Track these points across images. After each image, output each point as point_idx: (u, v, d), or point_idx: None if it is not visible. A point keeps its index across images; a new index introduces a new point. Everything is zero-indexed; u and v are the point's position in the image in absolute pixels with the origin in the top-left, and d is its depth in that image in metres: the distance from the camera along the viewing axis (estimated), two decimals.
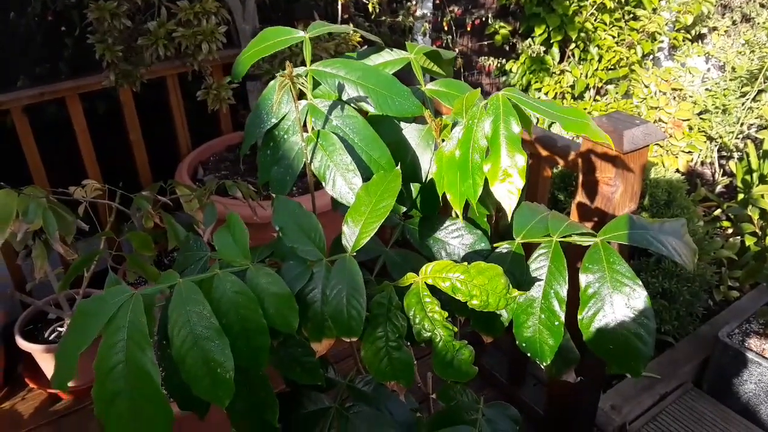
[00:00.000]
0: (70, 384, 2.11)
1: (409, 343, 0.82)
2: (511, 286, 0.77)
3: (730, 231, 2.78)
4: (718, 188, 3.24)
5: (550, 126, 3.15)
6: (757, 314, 2.29)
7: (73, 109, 2.36)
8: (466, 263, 0.77)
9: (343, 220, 0.78)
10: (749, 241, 2.61)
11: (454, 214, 0.99)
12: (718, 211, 2.93)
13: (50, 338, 2.08)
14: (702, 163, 3.48)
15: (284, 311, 0.71)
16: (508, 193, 0.73)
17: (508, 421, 0.93)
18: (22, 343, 2.06)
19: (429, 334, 0.76)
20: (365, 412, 0.87)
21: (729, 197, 3.13)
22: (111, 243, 1.93)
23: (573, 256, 0.89)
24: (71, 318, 0.59)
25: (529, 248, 0.89)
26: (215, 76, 2.19)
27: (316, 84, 0.92)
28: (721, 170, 3.42)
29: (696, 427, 2.08)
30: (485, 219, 0.99)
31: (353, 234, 0.76)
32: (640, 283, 0.78)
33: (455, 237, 0.95)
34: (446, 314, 0.76)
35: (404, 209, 0.99)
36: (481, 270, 0.76)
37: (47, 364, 2.10)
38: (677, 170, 3.04)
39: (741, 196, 2.90)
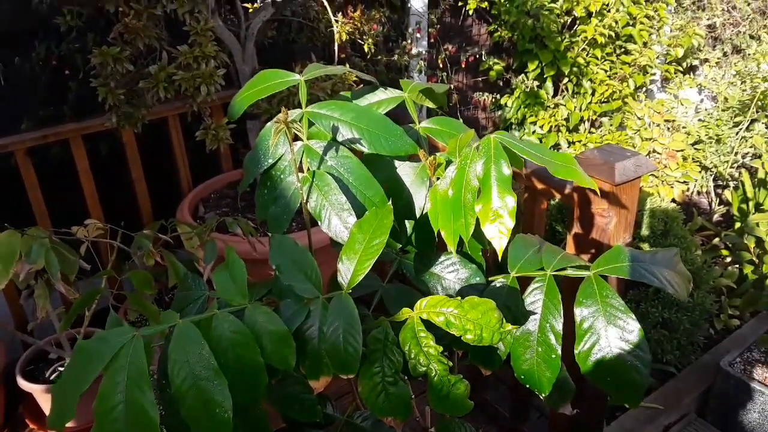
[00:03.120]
0: (69, 425, 2.11)
1: (406, 378, 0.83)
2: (504, 320, 0.78)
3: (728, 260, 2.79)
4: (715, 217, 3.26)
5: None
6: (758, 342, 2.29)
7: (77, 150, 2.40)
8: (459, 298, 0.79)
9: (338, 258, 0.79)
10: (747, 270, 2.62)
11: (449, 249, 1.02)
12: (716, 240, 2.94)
13: (51, 378, 2.08)
14: (698, 193, 3.50)
15: (282, 349, 0.72)
16: (498, 233, 0.75)
17: None
18: (23, 384, 2.05)
19: (424, 368, 0.77)
20: None
21: (726, 226, 3.15)
22: (112, 282, 1.94)
23: (567, 288, 0.90)
24: (71, 357, 0.60)
25: (524, 281, 0.91)
26: (214, 116, 2.24)
27: (311, 124, 0.95)
28: (718, 199, 3.44)
29: None
30: (480, 253, 1.01)
31: (348, 271, 0.78)
32: (633, 316, 0.80)
33: (451, 272, 0.97)
34: (441, 349, 0.77)
35: (400, 246, 1.01)
36: (474, 305, 0.78)
37: (48, 405, 2.09)
38: (673, 200, 3.07)
39: (738, 224, 2.92)
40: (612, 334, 0.78)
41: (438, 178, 0.90)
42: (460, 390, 0.77)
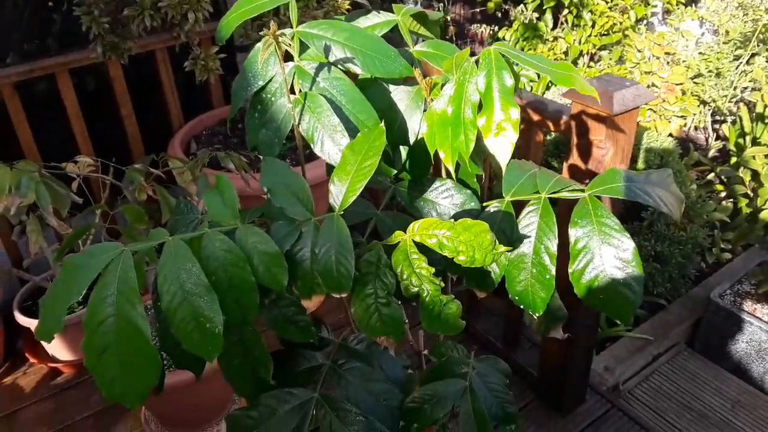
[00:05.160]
0: (70, 358, 2.14)
1: (400, 302, 0.84)
2: (497, 242, 0.78)
3: (723, 194, 2.80)
4: (711, 152, 3.24)
5: (543, 93, 3.14)
6: (748, 275, 2.32)
7: (63, 85, 2.34)
8: (452, 220, 0.78)
9: (330, 180, 0.78)
10: (742, 203, 2.62)
11: (444, 175, 1.00)
12: (711, 175, 2.93)
13: None
14: (695, 128, 3.47)
15: (273, 269, 0.72)
16: (502, 146, 0.73)
17: (498, 374, 0.95)
18: (21, 319, 2.07)
19: (416, 289, 0.77)
20: (358, 368, 0.89)
21: (722, 161, 3.14)
22: (105, 217, 1.93)
23: (562, 214, 0.90)
24: (59, 272, 0.60)
25: (519, 207, 0.90)
26: (203, 46, 2.17)
27: (303, 47, 0.92)
28: (715, 134, 3.42)
29: (688, 386, 2.12)
30: (474, 179, 1.00)
31: (340, 193, 0.77)
32: (628, 235, 0.80)
33: (445, 197, 0.96)
34: (433, 270, 0.77)
35: (395, 172, 1.00)
36: (467, 227, 0.77)
37: None
38: (670, 134, 3.04)
39: (734, 159, 2.90)
40: (606, 253, 0.78)
41: (433, 100, 0.88)
42: (452, 310, 0.78)
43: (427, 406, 0.87)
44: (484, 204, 0.94)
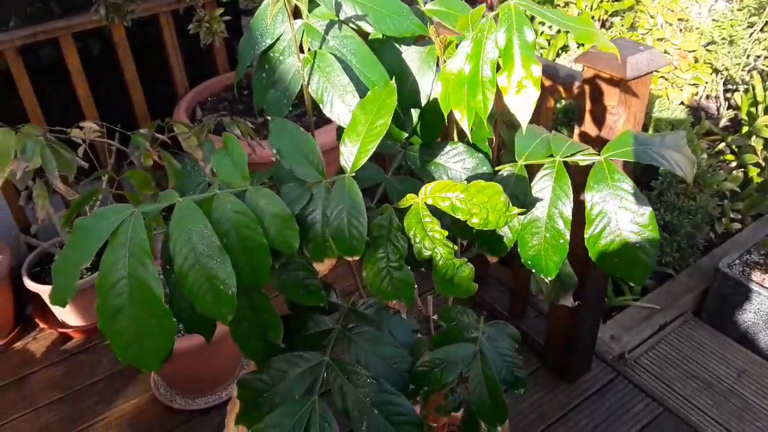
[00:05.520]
0: (80, 323, 2.16)
1: (409, 268, 0.83)
2: (510, 204, 0.77)
3: (733, 164, 2.76)
4: (723, 122, 3.19)
5: (554, 60, 3.08)
6: (758, 245, 2.30)
7: (67, 49, 2.31)
8: (465, 182, 0.77)
9: (341, 141, 0.77)
10: (752, 172, 2.59)
11: (456, 139, 0.98)
12: (721, 145, 2.90)
13: None
14: (707, 97, 3.42)
15: (285, 232, 0.71)
16: (523, 105, 0.72)
17: (508, 339, 0.94)
18: (30, 285, 2.08)
19: (429, 252, 0.76)
20: (368, 332, 0.88)
21: (733, 131, 3.09)
22: (111, 182, 1.93)
23: (575, 178, 0.88)
24: (70, 235, 0.59)
25: (532, 171, 0.89)
26: (207, 8, 2.13)
27: (313, 4, 0.89)
28: (726, 103, 3.36)
29: (695, 355, 2.13)
30: (486, 143, 0.98)
31: (351, 154, 0.75)
32: (644, 198, 0.79)
33: (456, 161, 0.95)
34: (446, 233, 0.76)
35: (406, 135, 0.98)
36: (480, 188, 0.76)
37: None
38: (681, 103, 3.00)
39: (745, 128, 2.86)
40: (623, 217, 0.77)
41: (447, 60, 0.85)
42: (465, 273, 0.77)
43: (437, 370, 0.87)
44: (497, 168, 0.93)
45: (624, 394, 1.90)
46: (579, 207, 0.84)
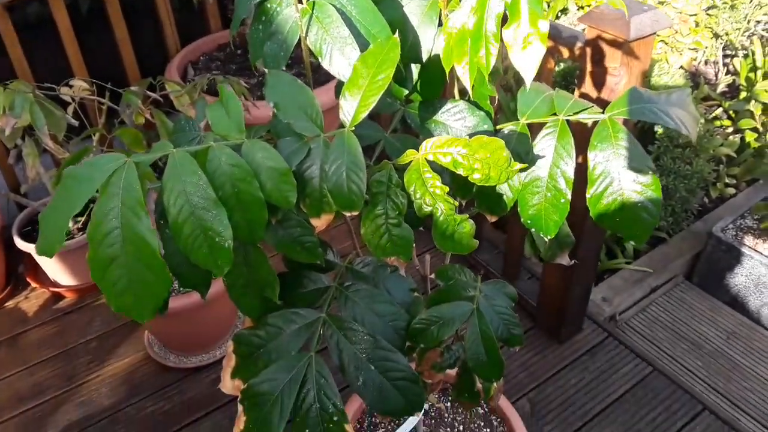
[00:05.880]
0: (72, 283, 2.15)
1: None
2: (512, 159, 0.75)
3: (730, 130, 2.75)
4: (720, 87, 3.17)
5: (556, 18, 3.03)
6: (751, 210, 2.31)
7: (55, 5, 2.25)
8: (467, 137, 0.75)
9: (340, 95, 0.75)
10: (750, 137, 2.59)
11: (457, 96, 0.96)
12: (719, 110, 2.88)
13: None
14: (706, 62, 3.38)
15: (282, 186, 0.69)
16: (528, 61, 0.70)
17: (505, 298, 0.94)
18: (21, 244, 2.07)
19: (430, 208, 0.75)
20: (365, 290, 0.88)
21: (731, 96, 3.08)
22: (102, 141, 1.90)
23: (575, 138, 0.87)
24: (59, 184, 0.57)
25: (534, 130, 0.87)
26: None
27: None
28: (725, 69, 3.33)
29: (685, 318, 2.15)
30: (488, 101, 0.96)
31: (351, 108, 0.73)
32: (648, 157, 0.77)
33: (457, 119, 0.93)
34: (447, 189, 0.75)
35: (406, 92, 0.96)
36: (483, 144, 0.74)
37: (47, 264, 2.12)
38: (681, 67, 2.97)
39: (743, 94, 2.84)
40: (626, 176, 0.76)
41: (450, 13, 0.83)
42: (465, 229, 0.76)
43: (434, 328, 0.87)
44: (498, 127, 0.91)
45: (614, 354, 1.93)
46: (577, 167, 0.83)
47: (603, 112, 0.82)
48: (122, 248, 0.56)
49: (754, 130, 2.59)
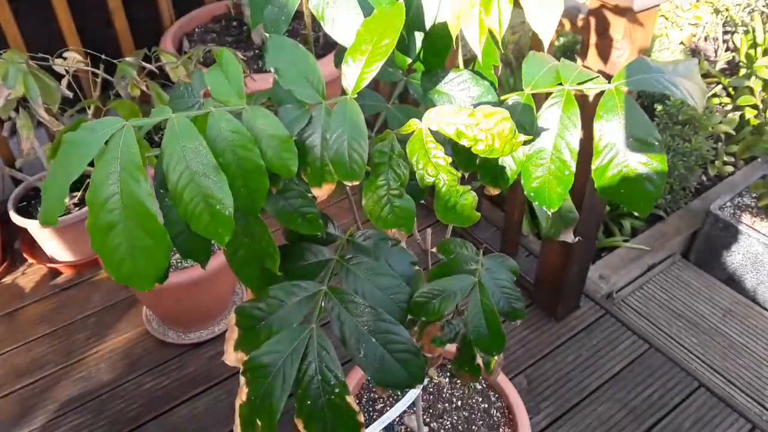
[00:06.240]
0: (69, 259, 2.14)
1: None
2: (517, 131, 0.74)
3: (729, 107, 2.74)
4: (720, 64, 3.15)
5: None
6: (750, 188, 2.31)
7: None
8: (471, 107, 0.74)
9: (343, 61, 0.73)
10: (750, 113, 2.57)
11: (461, 66, 0.95)
12: (718, 88, 2.86)
13: None
14: (705, 39, 3.36)
15: (283, 154, 0.68)
16: (546, 20, 0.68)
17: (507, 272, 0.93)
18: (17, 219, 2.05)
19: (433, 179, 0.74)
20: (366, 263, 0.87)
21: (730, 73, 3.06)
22: (97, 113, 1.87)
23: (582, 109, 0.86)
24: (57, 151, 0.56)
25: (538, 101, 0.86)
26: None
27: None
28: (725, 46, 3.31)
29: (681, 295, 2.16)
30: (492, 71, 0.95)
31: (354, 74, 0.72)
32: (654, 127, 0.76)
33: (461, 89, 0.91)
34: (450, 159, 0.74)
35: (409, 61, 0.94)
36: (487, 114, 0.73)
37: (44, 239, 2.11)
38: (681, 43, 2.94)
39: (743, 71, 2.82)
40: (632, 147, 0.75)
41: None
42: (468, 201, 0.75)
43: (436, 301, 0.86)
44: (502, 98, 0.89)
45: (611, 331, 1.94)
46: (587, 137, 0.81)
47: (609, 82, 0.81)
48: (122, 214, 0.54)
49: (754, 107, 2.58)
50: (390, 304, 0.86)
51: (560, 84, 0.84)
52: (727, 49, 3.25)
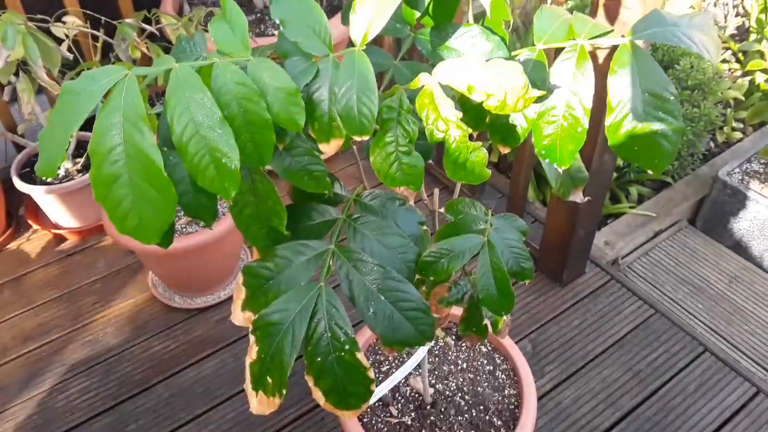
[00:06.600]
0: (74, 225, 2.13)
1: None
2: (530, 86, 0.72)
3: (738, 73, 2.69)
4: (729, 30, 3.09)
5: None
6: (758, 154, 2.28)
7: None
8: (484, 61, 0.72)
9: (351, 11, 0.71)
10: (760, 77, 2.53)
11: (471, 21, 0.92)
12: (727, 53, 2.81)
13: (48, 180, 2.07)
14: (715, 4, 3.29)
15: (290, 108, 0.66)
16: None
17: (516, 231, 0.92)
18: (21, 185, 2.04)
19: (443, 134, 0.73)
20: (373, 222, 0.86)
21: (739, 39, 3.00)
22: None
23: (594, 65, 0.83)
24: (57, 101, 0.54)
25: (550, 58, 0.84)
26: None
27: None
28: (735, 11, 3.24)
29: (687, 262, 2.15)
30: (502, 27, 0.92)
31: (363, 24, 0.70)
32: (671, 82, 0.74)
33: (471, 44, 0.88)
34: (460, 114, 0.72)
35: (417, 15, 0.92)
36: (500, 68, 0.71)
37: (48, 205, 2.10)
38: (691, 7, 2.88)
39: (753, 36, 2.77)
40: (646, 102, 0.73)
41: None
42: (478, 157, 0.73)
43: (444, 260, 0.85)
44: (513, 54, 0.87)
45: (616, 297, 1.94)
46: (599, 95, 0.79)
47: (624, 36, 0.79)
48: (126, 165, 0.53)
49: (764, 71, 2.54)
50: (398, 263, 0.85)
51: (573, 39, 0.82)
52: (738, 14, 3.19)
